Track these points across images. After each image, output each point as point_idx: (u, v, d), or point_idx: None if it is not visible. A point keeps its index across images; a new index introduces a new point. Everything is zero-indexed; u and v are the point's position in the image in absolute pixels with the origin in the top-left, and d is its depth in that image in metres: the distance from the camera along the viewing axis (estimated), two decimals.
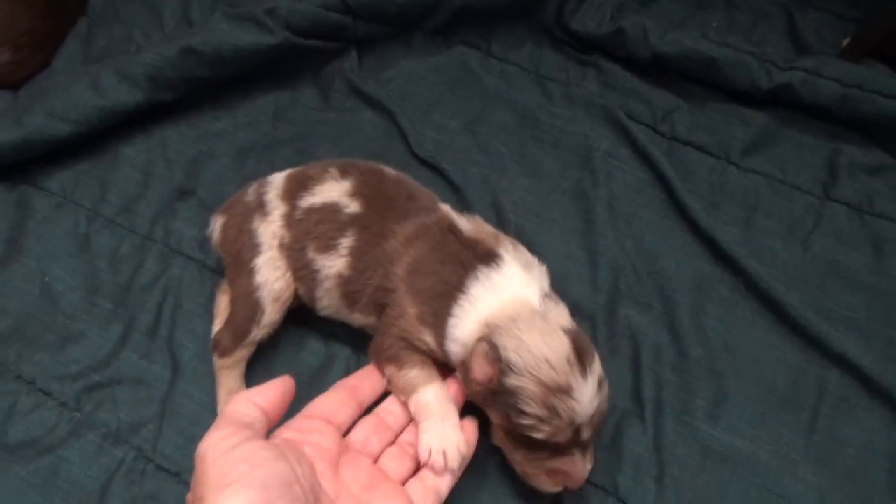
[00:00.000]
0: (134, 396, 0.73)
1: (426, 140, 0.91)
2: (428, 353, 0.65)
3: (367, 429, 0.63)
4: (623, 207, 0.86)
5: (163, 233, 0.84)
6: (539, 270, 0.66)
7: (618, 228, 0.84)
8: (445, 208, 0.71)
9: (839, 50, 0.95)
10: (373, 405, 0.66)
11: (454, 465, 0.59)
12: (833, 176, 0.88)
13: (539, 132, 0.93)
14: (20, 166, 0.87)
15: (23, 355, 0.75)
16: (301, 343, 0.76)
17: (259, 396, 0.54)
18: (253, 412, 0.53)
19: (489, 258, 0.64)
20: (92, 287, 0.80)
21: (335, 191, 0.70)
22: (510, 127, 0.93)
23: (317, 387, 0.62)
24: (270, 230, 0.70)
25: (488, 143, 0.92)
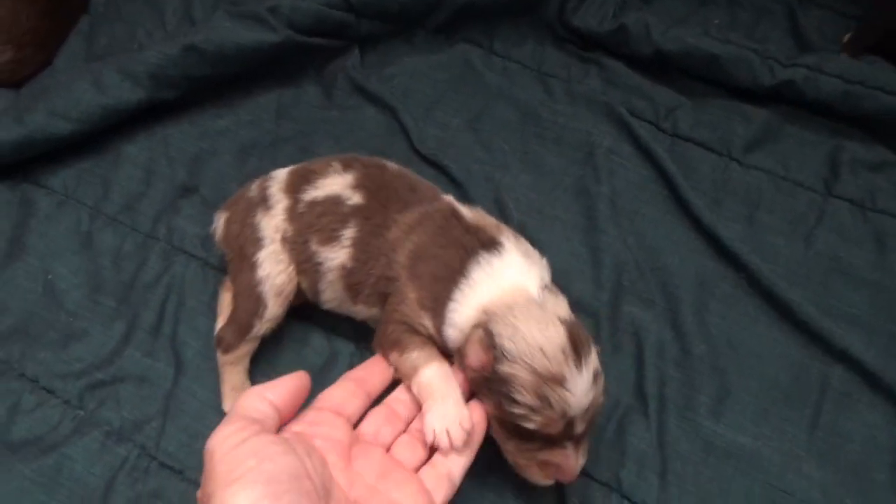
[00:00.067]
0: (137, 394, 0.73)
1: (428, 137, 0.91)
2: (428, 338, 0.65)
3: (378, 419, 0.63)
4: (625, 204, 0.86)
5: (165, 231, 0.84)
6: (540, 262, 0.66)
7: (620, 225, 0.84)
8: (448, 198, 0.71)
9: (840, 46, 0.95)
10: (381, 396, 0.65)
11: (458, 443, 0.59)
12: (835, 172, 0.88)
13: (541, 129, 0.93)
14: (22, 165, 0.87)
15: (26, 353, 0.75)
16: (304, 340, 0.76)
17: (271, 392, 0.54)
18: (264, 407, 0.52)
19: (491, 244, 0.64)
20: (95, 285, 0.80)
21: (338, 184, 0.70)
22: (512, 124, 0.93)
23: (321, 383, 0.61)
24: (273, 224, 0.70)
25: (491, 141, 0.92)
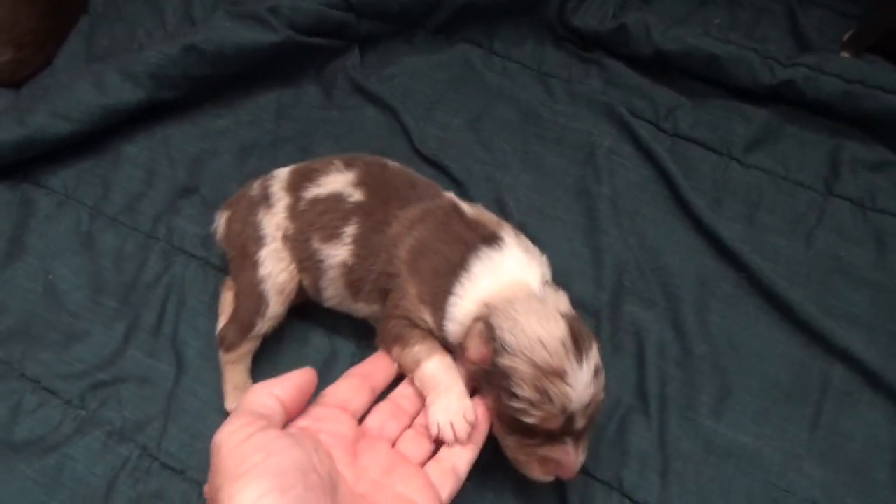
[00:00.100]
0: (139, 394, 0.73)
1: (429, 137, 0.91)
2: (429, 333, 0.65)
3: (384, 414, 0.63)
4: (626, 204, 0.86)
5: (166, 231, 0.84)
6: (540, 258, 0.66)
7: (621, 225, 0.84)
8: (449, 195, 0.71)
9: (840, 46, 0.95)
10: (386, 392, 0.66)
11: (462, 435, 0.59)
12: (835, 172, 0.88)
13: (542, 129, 0.93)
14: (23, 165, 0.87)
15: (27, 354, 0.75)
16: (305, 339, 0.76)
17: (278, 387, 0.54)
18: (270, 403, 0.53)
19: (492, 239, 0.65)
20: (96, 285, 0.80)
21: (339, 181, 0.70)
22: (513, 124, 0.93)
23: (322, 382, 0.61)
24: (274, 222, 0.70)
25: (491, 141, 0.92)
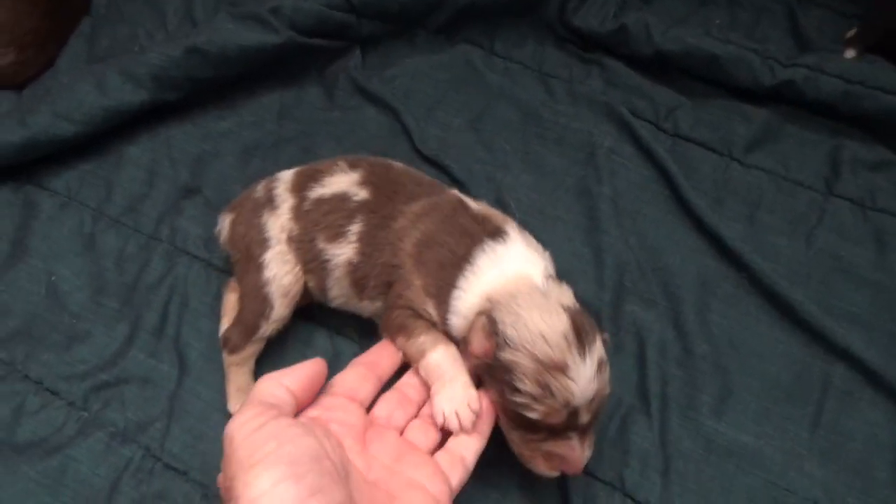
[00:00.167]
0: (141, 395, 0.73)
1: (430, 138, 0.91)
2: (432, 325, 0.65)
3: (391, 403, 0.63)
4: (627, 204, 0.86)
5: (168, 232, 0.84)
6: (543, 254, 0.67)
7: (622, 225, 0.84)
8: (454, 191, 0.72)
9: (843, 43, 0.95)
10: (391, 381, 0.66)
11: (468, 424, 0.59)
12: (836, 172, 0.88)
13: (542, 129, 0.93)
14: (25, 167, 0.87)
15: (30, 355, 0.75)
16: (308, 340, 0.76)
17: (288, 378, 0.54)
18: (281, 393, 0.53)
19: (497, 233, 0.65)
20: (98, 287, 0.80)
21: (344, 181, 0.71)
22: (514, 124, 0.94)
23: (325, 382, 0.62)
24: (279, 223, 0.70)
25: (492, 141, 0.92)
